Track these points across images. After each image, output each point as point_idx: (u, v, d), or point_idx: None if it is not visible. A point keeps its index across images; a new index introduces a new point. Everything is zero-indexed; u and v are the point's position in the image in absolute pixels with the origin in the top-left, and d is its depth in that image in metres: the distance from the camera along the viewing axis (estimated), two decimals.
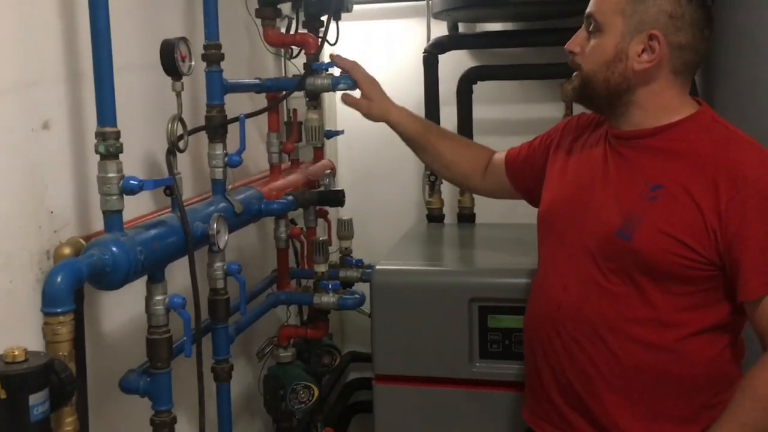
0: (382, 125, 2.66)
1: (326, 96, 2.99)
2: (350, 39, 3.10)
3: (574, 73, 1.49)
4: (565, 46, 1.49)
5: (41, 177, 1.39)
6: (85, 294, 1.43)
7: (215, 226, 1.53)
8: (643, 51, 1.38)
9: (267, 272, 2.39)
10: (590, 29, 1.45)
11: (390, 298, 2.11)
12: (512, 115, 3.03)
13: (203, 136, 1.75)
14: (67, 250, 1.35)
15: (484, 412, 2.06)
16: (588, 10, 1.45)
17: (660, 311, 1.39)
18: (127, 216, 1.53)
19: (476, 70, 2.79)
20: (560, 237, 1.53)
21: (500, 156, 1.86)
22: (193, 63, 1.53)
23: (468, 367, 2.06)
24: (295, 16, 2.22)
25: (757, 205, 1.30)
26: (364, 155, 3.19)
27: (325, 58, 2.93)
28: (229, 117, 1.76)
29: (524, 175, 1.77)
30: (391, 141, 3.11)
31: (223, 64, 2.11)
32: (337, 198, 2.07)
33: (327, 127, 2.58)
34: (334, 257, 2.46)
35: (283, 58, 2.49)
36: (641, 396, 1.42)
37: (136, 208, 1.59)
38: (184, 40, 1.50)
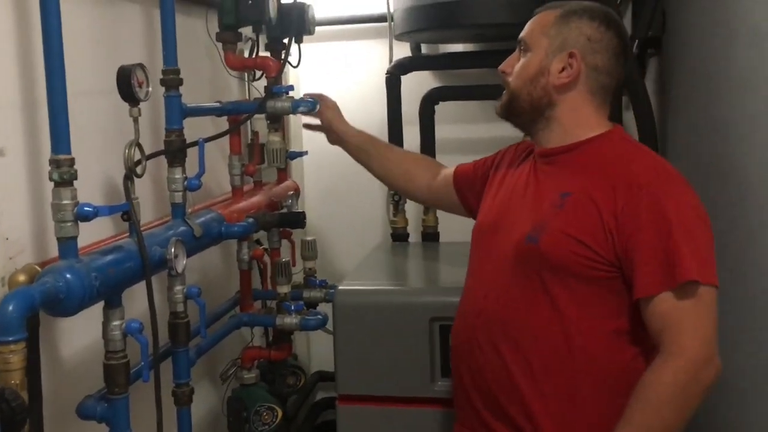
0: None
1: (291, 117, 3.01)
2: (314, 60, 3.13)
3: (504, 91, 1.60)
4: (498, 67, 1.60)
5: None
6: (43, 320, 1.43)
7: (173, 250, 1.54)
8: (563, 69, 1.50)
9: (231, 293, 2.39)
10: (520, 51, 1.57)
11: (352, 318, 2.12)
12: (475, 134, 3.06)
13: (165, 159, 1.76)
14: (21, 277, 1.35)
15: None
16: (520, 35, 1.58)
17: (568, 315, 1.45)
18: (87, 240, 1.55)
19: (438, 91, 2.83)
20: (485, 251, 1.62)
21: (450, 170, 1.95)
22: (150, 89, 1.54)
23: (430, 386, 2.07)
24: (255, 39, 2.23)
25: (649, 207, 1.38)
26: (329, 175, 3.20)
27: (290, 80, 2.98)
28: (192, 140, 1.77)
29: (468, 193, 1.86)
30: (351, 163, 3.15)
31: (185, 88, 2.13)
32: (298, 220, 2.08)
33: (291, 148, 2.60)
34: (299, 277, 2.48)
35: (246, 81, 2.51)
36: (558, 401, 1.46)
37: (98, 232, 1.60)
38: (140, 66, 1.52)
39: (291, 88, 2.02)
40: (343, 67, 3.13)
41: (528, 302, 1.49)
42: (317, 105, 2.03)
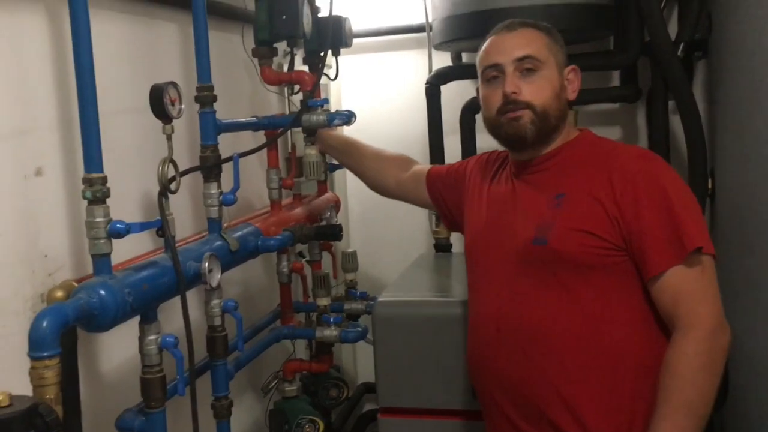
0: None
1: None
2: (355, 72, 3.15)
3: (523, 112, 1.56)
4: (504, 89, 1.57)
5: (34, 222, 1.43)
6: (83, 335, 1.46)
7: (207, 265, 1.55)
8: (569, 83, 1.61)
9: (273, 306, 2.41)
10: (525, 69, 1.56)
11: (392, 330, 2.11)
12: None
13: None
14: (59, 294, 1.39)
15: None
16: (520, 54, 1.56)
17: (591, 309, 1.48)
18: (128, 255, 1.58)
19: (477, 101, 2.80)
20: (485, 263, 1.65)
21: (422, 168, 2.03)
22: (183, 107, 1.56)
23: (472, 400, 2.05)
24: (290, 53, 2.24)
25: (647, 189, 1.44)
26: None
27: (331, 91, 3.00)
28: (233, 154, 1.79)
29: (440, 194, 1.94)
30: None
31: (224, 103, 2.16)
32: (334, 233, 2.08)
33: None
34: (341, 290, 2.48)
35: (286, 95, 2.53)
36: (599, 396, 1.48)
37: (138, 248, 1.63)
38: (173, 84, 1.54)
39: (326, 101, 2.03)
40: (384, 78, 3.15)
41: (548, 304, 1.51)
42: (352, 117, 2.03)
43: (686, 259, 1.40)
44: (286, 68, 2.46)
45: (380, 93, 3.14)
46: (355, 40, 3.02)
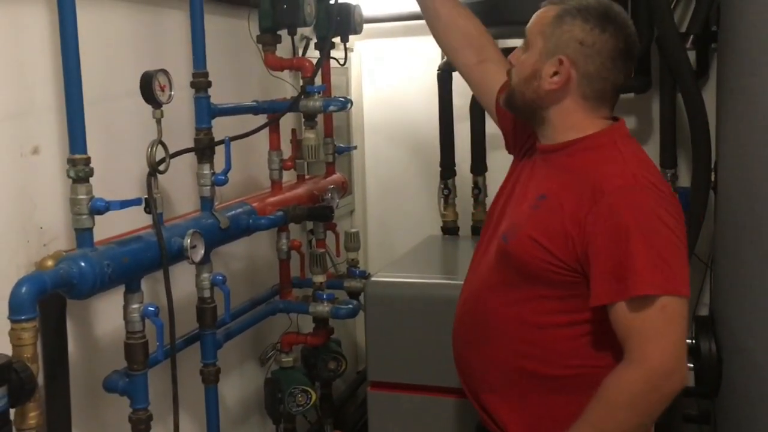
0: (406, 139, 2.73)
1: (350, 114, 3.13)
2: (371, 56, 3.23)
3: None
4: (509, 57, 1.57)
5: (30, 197, 1.56)
6: (80, 303, 1.60)
7: (189, 241, 1.66)
8: (555, 73, 1.45)
9: (277, 280, 2.52)
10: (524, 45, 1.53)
11: (382, 308, 2.21)
12: None
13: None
14: (49, 263, 1.51)
15: (474, 421, 2.13)
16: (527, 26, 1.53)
17: (531, 311, 1.47)
18: (125, 228, 1.70)
19: None
20: (479, 244, 1.67)
21: (497, 73, 1.74)
22: (173, 93, 1.67)
23: (455, 377, 2.12)
24: (292, 39, 2.32)
25: (607, 215, 1.34)
26: (389, 168, 3.30)
27: (351, 76, 3.07)
28: (224, 137, 1.89)
29: (507, 119, 1.73)
30: (413, 154, 3.24)
31: (232, 87, 2.27)
32: (325, 214, 2.18)
33: (340, 144, 2.70)
34: (344, 267, 2.59)
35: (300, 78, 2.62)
36: (519, 397, 1.50)
37: (138, 220, 1.75)
38: (163, 71, 1.65)
39: (323, 87, 2.12)
40: (400, 63, 3.21)
41: (498, 298, 1.53)
42: (348, 104, 2.12)
43: (632, 300, 1.31)
44: (300, 53, 2.57)
45: (397, 77, 3.21)
46: (375, 25, 3.11)
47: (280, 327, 2.49)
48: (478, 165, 2.87)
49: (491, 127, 2.90)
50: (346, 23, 2.47)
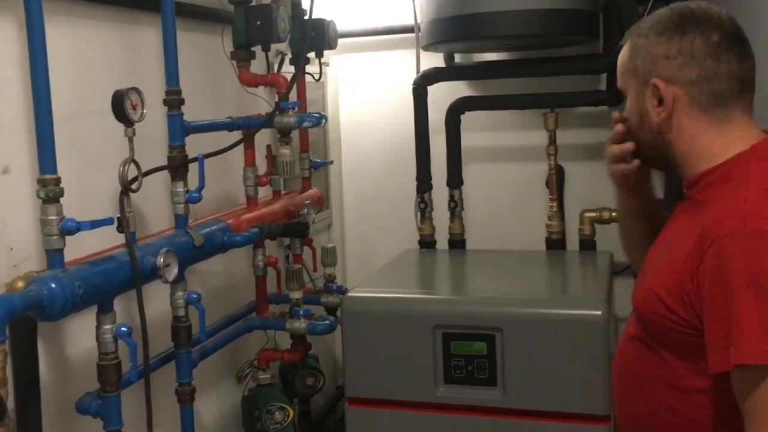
0: (383, 153, 2.71)
1: (326, 129, 3.13)
2: (349, 71, 3.24)
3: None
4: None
5: (0, 217, 1.54)
6: (53, 324, 1.58)
7: (162, 260, 1.65)
8: (658, 102, 1.30)
9: (254, 297, 2.51)
10: None
11: (359, 324, 2.21)
12: (504, 141, 3.10)
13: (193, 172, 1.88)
14: (20, 284, 1.49)
15: None
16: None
17: (672, 372, 1.30)
18: (99, 246, 1.69)
19: (463, 102, 2.87)
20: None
21: None
22: (145, 111, 1.66)
23: (433, 392, 2.13)
24: (265, 54, 2.33)
25: (716, 267, 1.15)
26: (366, 182, 3.30)
27: (326, 91, 3.08)
28: (198, 155, 1.88)
29: None
30: (390, 168, 3.25)
31: (208, 103, 2.27)
32: (300, 230, 2.17)
33: (316, 159, 2.70)
34: (321, 283, 2.58)
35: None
36: None
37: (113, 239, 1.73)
38: (135, 90, 1.64)
39: (297, 104, 2.12)
40: (379, 77, 3.22)
41: (634, 352, 1.38)
42: (322, 120, 2.12)
43: (741, 368, 1.11)
44: (276, 69, 2.57)
45: (375, 92, 3.22)
46: (352, 40, 3.12)
47: (258, 344, 2.48)
48: (454, 178, 2.88)
49: (467, 140, 2.95)
50: (321, 38, 2.48)
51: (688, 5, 1.32)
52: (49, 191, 1.42)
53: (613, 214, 2.71)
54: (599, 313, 2.00)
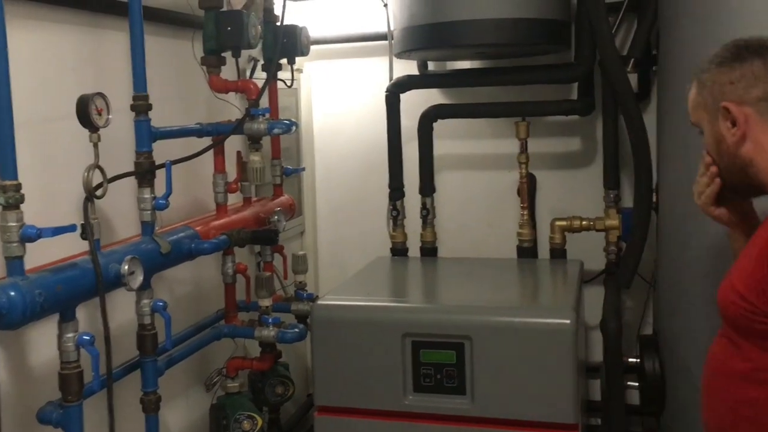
0: (356, 160, 2.80)
1: (299, 136, 3.12)
2: (325, 77, 3.23)
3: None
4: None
5: None
6: (14, 333, 1.55)
7: (126, 267, 1.63)
8: (732, 124, 1.40)
9: (223, 305, 2.48)
10: None
11: (328, 332, 2.19)
12: (478, 149, 3.11)
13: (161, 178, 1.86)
14: None
15: None
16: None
17: (753, 366, 1.36)
18: (63, 253, 1.66)
19: (435, 109, 2.87)
20: None
21: None
22: (110, 116, 1.64)
23: (402, 400, 2.12)
24: (235, 61, 2.31)
25: None
26: (339, 189, 3.29)
27: (300, 98, 3.07)
28: (165, 161, 1.86)
29: None
30: (363, 175, 3.24)
31: (178, 109, 2.24)
32: (269, 237, 2.16)
33: (289, 165, 2.69)
34: (292, 290, 2.57)
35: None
36: None
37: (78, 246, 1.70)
38: (101, 95, 1.63)
39: (267, 110, 2.11)
40: (353, 84, 3.21)
41: (726, 351, 1.43)
42: (292, 127, 2.11)
43: None
44: (248, 75, 2.55)
45: (348, 99, 3.22)
46: (325, 47, 3.11)
47: (227, 351, 2.45)
48: (427, 186, 2.88)
49: (439, 148, 2.95)
50: (293, 45, 2.48)
51: (741, 38, 1.44)
52: (9, 197, 1.40)
53: (584, 222, 2.73)
54: (568, 321, 2.00)
